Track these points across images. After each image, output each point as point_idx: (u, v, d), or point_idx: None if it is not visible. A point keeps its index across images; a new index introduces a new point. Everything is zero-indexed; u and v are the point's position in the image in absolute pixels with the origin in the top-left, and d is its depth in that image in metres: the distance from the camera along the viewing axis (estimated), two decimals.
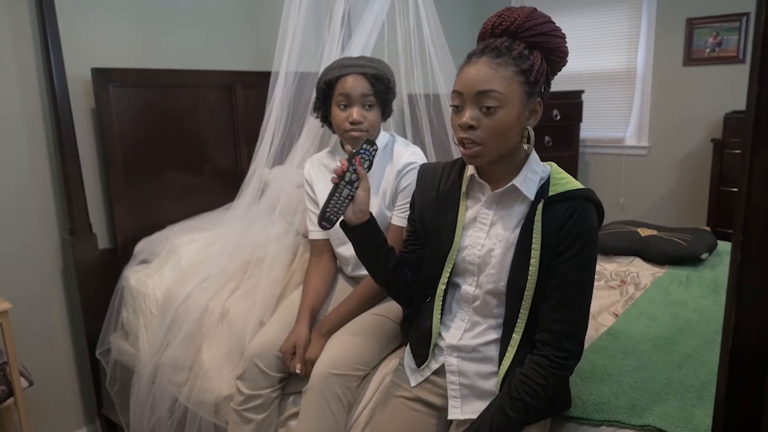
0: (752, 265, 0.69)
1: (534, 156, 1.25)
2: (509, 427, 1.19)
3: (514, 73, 1.14)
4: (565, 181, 1.23)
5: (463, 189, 1.30)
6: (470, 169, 1.29)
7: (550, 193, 1.20)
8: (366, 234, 1.34)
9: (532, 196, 1.21)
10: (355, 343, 1.57)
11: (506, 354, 1.24)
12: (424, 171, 1.41)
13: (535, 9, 1.20)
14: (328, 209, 1.31)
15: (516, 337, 1.22)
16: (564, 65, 1.24)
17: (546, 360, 1.18)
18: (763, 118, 0.65)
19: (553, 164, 1.29)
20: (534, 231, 1.18)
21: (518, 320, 1.21)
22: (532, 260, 1.18)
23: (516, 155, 1.23)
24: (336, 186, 1.31)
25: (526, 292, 1.19)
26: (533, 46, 1.17)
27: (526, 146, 1.21)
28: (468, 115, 1.15)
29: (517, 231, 1.22)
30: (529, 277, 1.18)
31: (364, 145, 1.35)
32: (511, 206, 1.25)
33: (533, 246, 1.18)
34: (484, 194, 1.27)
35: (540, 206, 1.19)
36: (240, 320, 1.83)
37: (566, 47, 1.21)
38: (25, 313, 2.20)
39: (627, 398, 1.34)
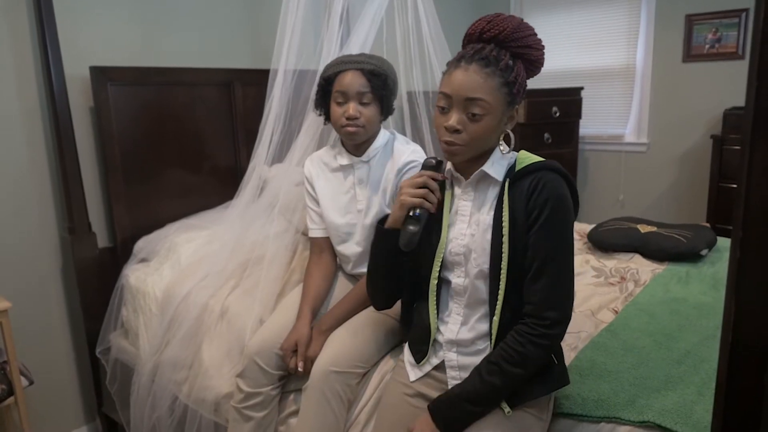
0: (752, 262, 0.69)
1: (502, 146, 1.32)
2: (483, 388, 1.21)
3: (500, 84, 1.21)
4: (529, 160, 1.28)
5: (447, 186, 1.36)
6: (447, 165, 1.35)
7: (516, 171, 1.27)
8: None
9: (500, 177, 1.27)
10: (355, 340, 1.57)
11: (491, 337, 1.26)
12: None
13: (523, 20, 1.27)
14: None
15: (495, 319, 1.25)
16: (536, 74, 1.32)
17: (527, 327, 1.20)
18: (762, 114, 0.65)
19: (522, 151, 1.34)
20: (503, 209, 1.24)
21: (497, 301, 1.24)
22: (503, 237, 1.22)
23: (489, 153, 1.30)
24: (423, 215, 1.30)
25: (501, 271, 1.22)
26: (517, 56, 1.24)
27: (503, 147, 1.29)
28: (455, 119, 1.22)
29: (492, 212, 1.27)
30: (503, 255, 1.22)
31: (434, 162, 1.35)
32: (485, 192, 1.30)
33: (503, 225, 1.23)
34: (461, 187, 1.33)
35: (507, 184, 1.25)
36: (239, 318, 1.83)
37: (544, 59, 1.30)
38: (25, 312, 2.20)
39: (626, 395, 1.34)
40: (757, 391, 0.72)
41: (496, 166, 1.28)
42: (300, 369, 1.57)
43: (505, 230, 1.22)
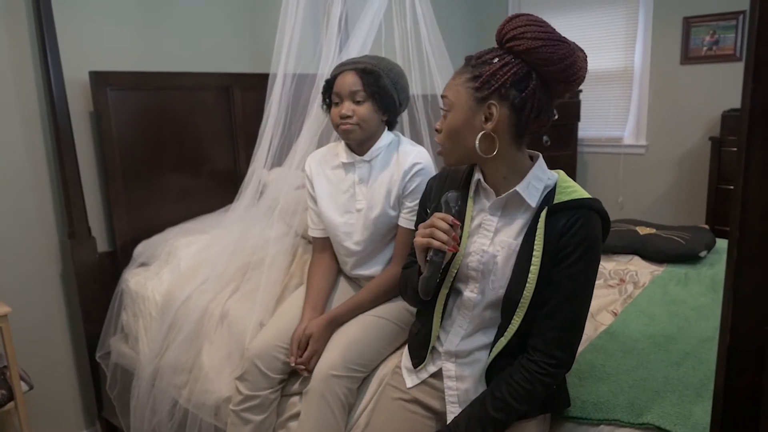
0: (749, 263, 0.70)
1: (540, 163, 1.25)
2: (490, 424, 1.19)
3: (467, 79, 1.18)
4: (570, 190, 1.22)
5: (470, 193, 1.30)
6: (476, 174, 1.29)
7: (555, 201, 1.20)
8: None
9: (534, 204, 1.21)
10: (356, 345, 1.57)
11: (489, 355, 1.25)
12: (443, 176, 1.40)
13: (520, 15, 1.17)
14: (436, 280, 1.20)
15: (503, 341, 1.22)
16: (553, 68, 1.14)
17: (535, 365, 1.18)
18: (757, 116, 0.66)
19: (561, 172, 1.28)
20: (536, 239, 1.18)
21: (509, 327, 1.21)
22: (531, 268, 1.18)
23: (504, 160, 1.21)
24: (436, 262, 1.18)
25: (522, 300, 1.18)
26: (508, 51, 1.16)
27: (476, 149, 1.18)
28: (439, 120, 1.25)
29: (520, 238, 1.22)
30: (527, 285, 1.18)
31: (450, 199, 1.22)
32: (515, 213, 1.24)
33: (534, 254, 1.18)
34: (489, 200, 1.27)
35: (543, 214, 1.18)
36: (239, 322, 1.83)
37: (545, 50, 1.12)
38: (25, 316, 2.20)
39: (626, 397, 1.34)
40: (755, 392, 0.72)
41: (531, 190, 1.21)
42: (301, 365, 1.58)
43: (536, 260, 1.17)
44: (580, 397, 1.36)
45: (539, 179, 1.23)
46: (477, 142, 1.18)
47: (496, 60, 1.17)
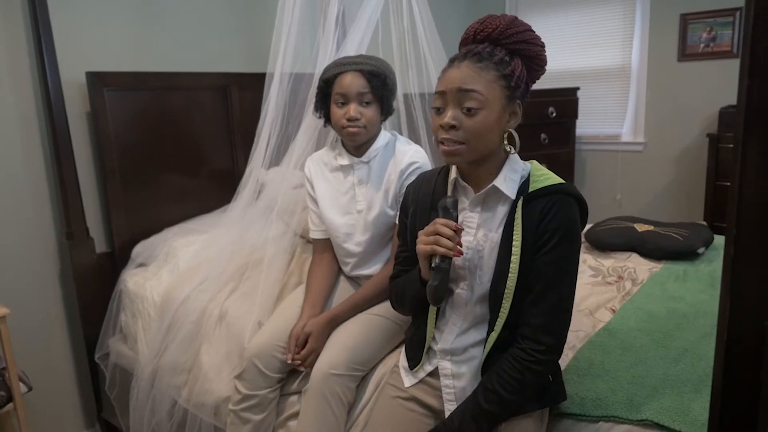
0: (746, 259, 0.70)
1: (514, 156, 1.26)
2: (483, 418, 1.20)
3: (496, 77, 1.17)
4: (544, 177, 1.23)
5: (449, 193, 1.31)
6: (453, 173, 1.30)
7: (530, 190, 1.21)
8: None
9: (513, 195, 1.22)
10: (355, 343, 1.58)
11: (484, 351, 1.25)
12: (419, 180, 1.41)
13: (516, 18, 1.23)
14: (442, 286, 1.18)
15: (494, 335, 1.23)
16: (542, 73, 1.28)
17: (523, 353, 1.18)
18: (754, 112, 0.66)
19: (534, 162, 1.30)
20: (515, 229, 1.19)
21: (498, 320, 1.22)
22: (512, 258, 1.19)
23: (496, 157, 1.24)
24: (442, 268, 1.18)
25: (506, 291, 1.19)
26: (513, 52, 1.21)
27: (508, 148, 1.23)
28: (450, 115, 1.17)
29: (501, 230, 1.23)
30: (509, 276, 1.19)
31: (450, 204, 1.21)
32: (494, 207, 1.26)
33: (514, 244, 1.19)
34: (468, 197, 1.28)
35: (519, 204, 1.20)
36: (238, 322, 1.84)
37: (545, 56, 1.24)
38: (24, 318, 2.20)
39: (624, 393, 1.34)
40: (753, 388, 0.72)
41: (508, 182, 1.23)
42: (298, 362, 1.58)
43: (516, 250, 1.18)
44: (579, 393, 1.36)
45: (515, 171, 1.25)
46: (505, 140, 1.22)
47: (507, 59, 1.20)
